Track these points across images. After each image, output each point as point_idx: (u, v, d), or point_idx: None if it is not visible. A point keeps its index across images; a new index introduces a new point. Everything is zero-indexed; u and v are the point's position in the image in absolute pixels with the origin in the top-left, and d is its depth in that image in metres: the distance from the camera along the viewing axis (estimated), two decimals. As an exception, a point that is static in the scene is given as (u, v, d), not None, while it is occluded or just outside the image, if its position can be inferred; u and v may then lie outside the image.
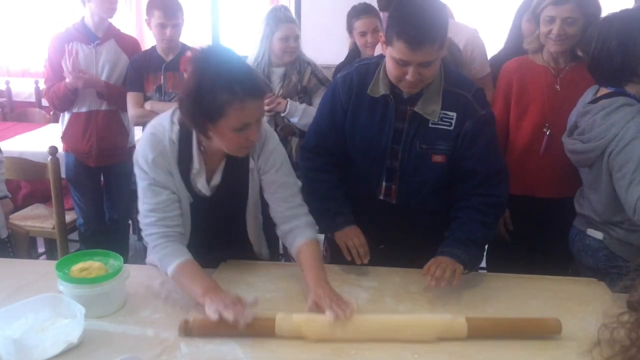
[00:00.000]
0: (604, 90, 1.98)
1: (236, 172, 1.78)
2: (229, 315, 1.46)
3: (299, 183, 1.84)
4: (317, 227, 1.84)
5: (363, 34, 2.97)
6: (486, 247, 2.09)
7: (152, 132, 1.71)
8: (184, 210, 1.76)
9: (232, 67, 1.56)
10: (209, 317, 1.48)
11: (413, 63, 1.68)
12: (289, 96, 2.76)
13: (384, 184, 1.93)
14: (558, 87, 2.33)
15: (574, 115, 2.09)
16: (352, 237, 1.86)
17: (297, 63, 2.81)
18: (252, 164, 1.77)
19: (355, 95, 1.89)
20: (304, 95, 2.79)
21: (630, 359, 0.60)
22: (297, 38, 2.82)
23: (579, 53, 2.29)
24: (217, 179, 1.77)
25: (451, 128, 1.82)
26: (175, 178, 1.72)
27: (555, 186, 2.40)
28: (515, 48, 2.75)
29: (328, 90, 2.01)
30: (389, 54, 1.73)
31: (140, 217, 1.74)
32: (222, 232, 1.86)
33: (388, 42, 1.72)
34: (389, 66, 1.76)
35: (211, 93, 1.52)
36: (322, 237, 2.30)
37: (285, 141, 2.78)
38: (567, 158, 2.27)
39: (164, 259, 1.66)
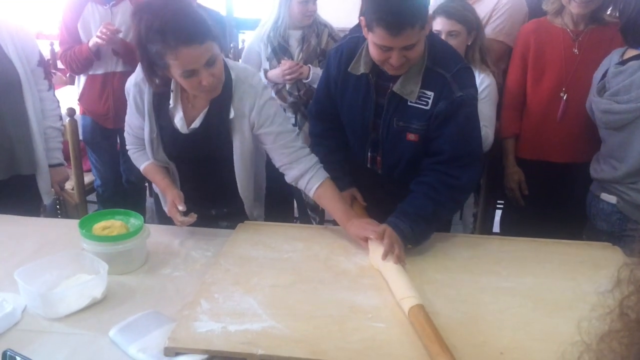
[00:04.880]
0: (632, 52, 1.96)
1: (216, 119, 1.83)
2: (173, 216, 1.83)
3: (296, 130, 1.90)
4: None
5: None
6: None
7: None
8: (154, 148, 1.91)
9: (164, 15, 1.57)
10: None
11: (396, 47, 1.65)
12: (309, 60, 2.74)
13: (369, 154, 1.98)
14: (576, 50, 2.30)
15: (599, 76, 2.07)
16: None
17: (314, 25, 2.79)
18: (232, 113, 1.81)
19: (343, 70, 1.90)
20: (323, 58, 2.77)
21: None
22: (315, 1, 2.79)
23: (605, 17, 2.26)
24: (197, 123, 1.84)
25: (427, 107, 1.78)
26: (147, 109, 1.84)
27: (571, 151, 2.39)
28: (533, 9, 2.70)
29: (326, 60, 2.04)
30: (371, 39, 1.69)
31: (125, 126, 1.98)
32: (209, 180, 1.95)
33: (368, 28, 1.67)
34: (372, 50, 1.72)
35: (149, 44, 1.60)
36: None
37: (306, 104, 2.77)
38: (583, 123, 2.26)
39: (136, 160, 2.02)
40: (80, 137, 3.10)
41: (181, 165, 1.96)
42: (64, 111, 2.74)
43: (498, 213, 3.03)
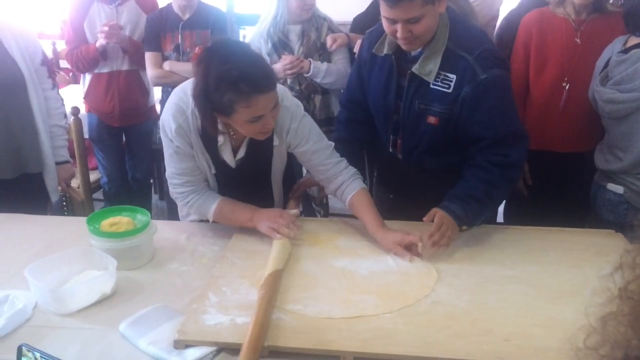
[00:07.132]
0: (634, 40, 1.96)
1: (260, 147, 1.81)
2: (281, 228, 1.72)
3: (331, 144, 1.87)
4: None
5: None
6: (502, 203, 2.06)
7: (176, 102, 1.73)
8: (209, 180, 1.84)
9: (236, 64, 1.53)
10: (267, 234, 1.74)
11: (399, 20, 1.68)
12: (310, 54, 2.75)
13: (391, 137, 2.00)
14: (578, 40, 2.30)
15: (601, 65, 2.07)
16: None
17: (313, 19, 2.79)
18: (276, 140, 1.81)
19: (371, 52, 1.94)
20: (323, 52, 2.78)
21: None
22: (314, -6, 2.79)
23: (608, 6, 2.26)
24: (241, 153, 1.82)
25: (449, 90, 1.78)
26: (197, 149, 1.76)
27: (574, 141, 2.40)
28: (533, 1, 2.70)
29: (360, 45, 2.08)
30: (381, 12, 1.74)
31: (168, 178, 1.83)
32: (247, 197, 1.89)
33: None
34: (384, 24, 1.76)
35: (218, 93, 1.53)
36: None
37: (308, 99, 2.79)
38: (586, 113, 2.26)
39: (202, 206, 1.82)
40: (87, 135, 3.13)
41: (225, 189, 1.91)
42: (68, 110, 2.75)
43: (502, 203, 3.04)
